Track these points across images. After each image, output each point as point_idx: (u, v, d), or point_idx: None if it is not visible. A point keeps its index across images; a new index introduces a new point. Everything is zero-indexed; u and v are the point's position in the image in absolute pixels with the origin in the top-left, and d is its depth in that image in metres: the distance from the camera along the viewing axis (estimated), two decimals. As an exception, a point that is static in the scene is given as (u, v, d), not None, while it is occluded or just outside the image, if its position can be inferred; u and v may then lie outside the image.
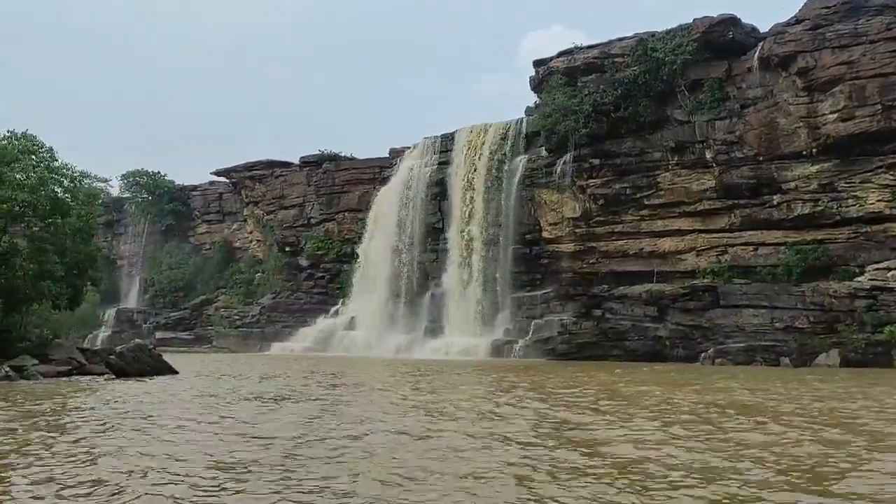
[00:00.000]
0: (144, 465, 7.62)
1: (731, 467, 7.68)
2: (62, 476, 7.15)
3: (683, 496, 6.45)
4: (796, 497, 6.53)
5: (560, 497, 6.43)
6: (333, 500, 6.31)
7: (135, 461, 7.87)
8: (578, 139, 38.02)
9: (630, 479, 7.04)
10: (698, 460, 8.06)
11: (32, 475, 7.19)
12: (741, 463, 7.90)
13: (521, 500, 6.37)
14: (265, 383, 19.45)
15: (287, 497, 6.41)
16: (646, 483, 6.92)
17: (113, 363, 21.84)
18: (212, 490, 6.62)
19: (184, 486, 6.70)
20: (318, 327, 49.08)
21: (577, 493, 6.56)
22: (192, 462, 7.83)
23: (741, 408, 13.32)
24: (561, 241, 40.23)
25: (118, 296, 67.60)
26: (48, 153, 25.82)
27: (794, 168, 33.30)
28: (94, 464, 7.79)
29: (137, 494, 6.42)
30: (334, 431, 10.18)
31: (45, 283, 24.13)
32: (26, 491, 6.61)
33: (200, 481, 6.93)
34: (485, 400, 15.18)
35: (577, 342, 36.63)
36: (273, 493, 6.49)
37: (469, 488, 6.75)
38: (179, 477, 7.10)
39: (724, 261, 35.55)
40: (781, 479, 7.11)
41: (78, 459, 8.03)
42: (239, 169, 60.81)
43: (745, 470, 7.58)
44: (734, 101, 35.05)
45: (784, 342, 31.69)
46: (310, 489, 6.66)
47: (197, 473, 7.26)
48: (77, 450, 8.68)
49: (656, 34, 37.02)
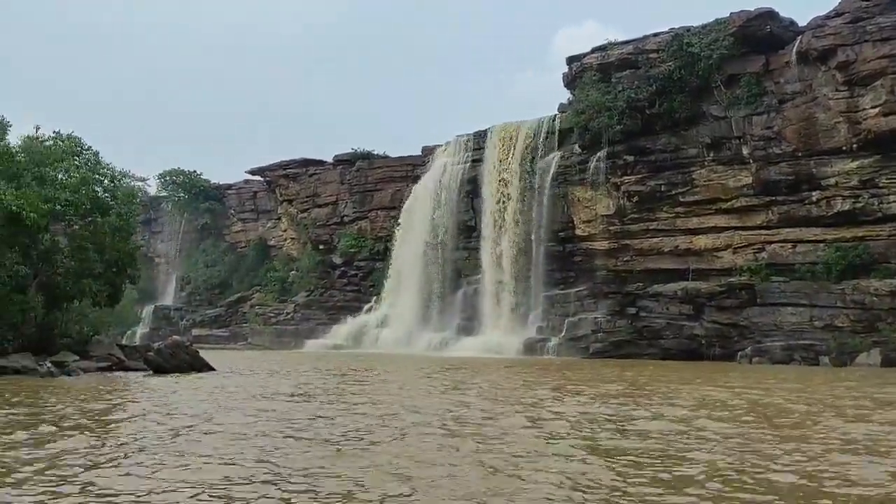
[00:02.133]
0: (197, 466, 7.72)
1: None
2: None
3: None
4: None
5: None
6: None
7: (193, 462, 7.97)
8: (612, 136, 37.74)
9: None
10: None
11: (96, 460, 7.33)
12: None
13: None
14: (306, 379, 19.62)
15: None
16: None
17: (151, 360, 22.16)
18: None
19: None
20: (351, 325, 49.39)
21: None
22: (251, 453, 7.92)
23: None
24: (595, 239, 39.97)
25: (156, 293, 68.69)
26: (93, 155, 26.32)
27: (834, 164, 32.68)
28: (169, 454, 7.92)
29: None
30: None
31: (86, 280, 24.58)
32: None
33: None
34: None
35: (612, 340, 36.39)
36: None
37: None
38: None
39: (762, 258, 35.03)
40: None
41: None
42: (273, 167, 61.36)
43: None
44: (772, 95, 34.51)
45: (823, 341, 31.14)
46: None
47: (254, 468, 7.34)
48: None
49: (692, 29, 36.61)
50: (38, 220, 21.91)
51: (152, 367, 21.79)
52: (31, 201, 21.49)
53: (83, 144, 26.42)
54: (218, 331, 59.51)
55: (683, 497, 6.26)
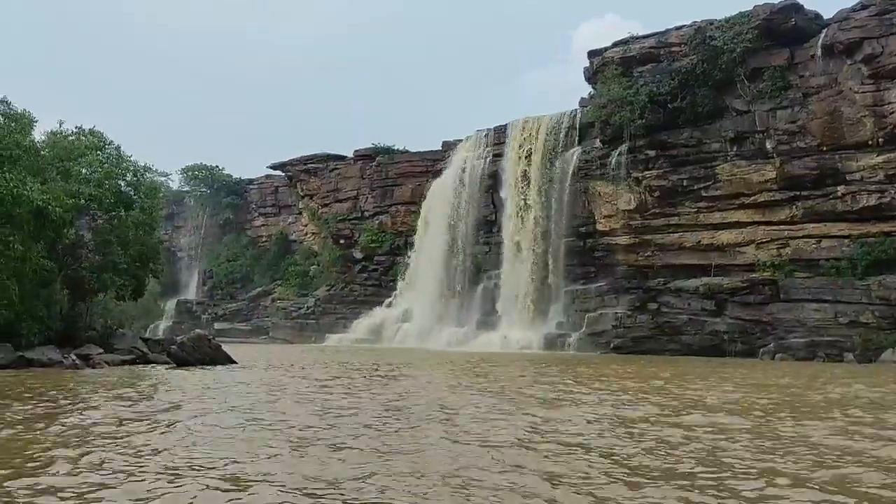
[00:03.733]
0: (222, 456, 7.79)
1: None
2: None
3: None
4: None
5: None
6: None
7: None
8: (634, 130, 37.47)
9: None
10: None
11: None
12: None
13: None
14: (330, 372, 19.72)
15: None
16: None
17: (174, 353, 22.39)
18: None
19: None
20: (371, 319, 49.57)
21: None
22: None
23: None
24: (615, 234, 39.76)
25: (178, 287, 69.37)
26: (115, 149, 26.59)
27: (859, 158, 32.24)
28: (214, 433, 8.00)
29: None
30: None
31: (110, 274, 24.89)
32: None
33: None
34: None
35: (632, 336, 36.20)
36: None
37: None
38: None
39: (785, 254, 34.65)
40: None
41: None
42: (294, 162, 61.65)
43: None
44: (796, 89, 34.09)
45: (848, 338, 30.79)
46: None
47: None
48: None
49: (715, 22, 36.23)
50: (64, 214, 22.19)
51: (175, 361, 22.01)
52: (57, 196, 21.76)
53: (105, 139, 26.70)
54: (240, 324, 60.01)
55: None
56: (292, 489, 6.17)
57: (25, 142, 22.80)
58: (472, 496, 6.03)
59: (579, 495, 6.10)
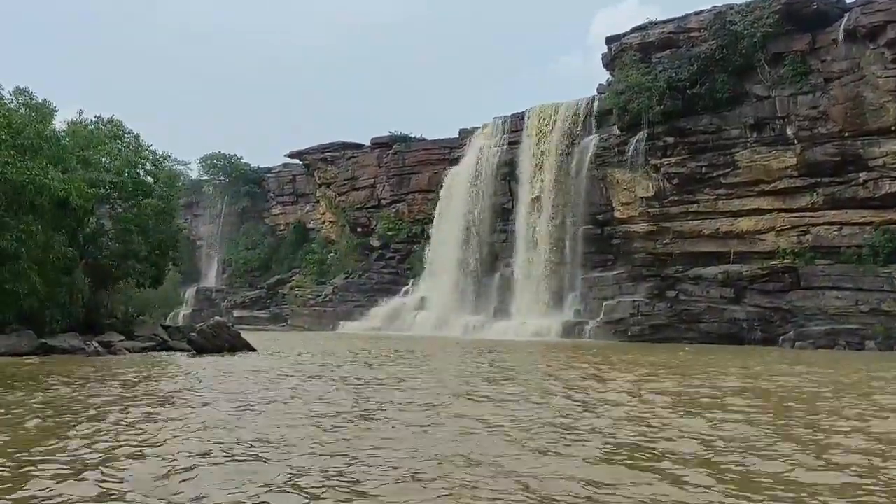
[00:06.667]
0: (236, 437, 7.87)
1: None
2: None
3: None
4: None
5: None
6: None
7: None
8: (652, 117, 37.17)
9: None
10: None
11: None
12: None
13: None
14: (357, 361, 19.83)
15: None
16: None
17: (194, 340, 22.56)
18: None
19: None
20: (388, 307, 49.70)
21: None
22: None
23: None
24: (633, 222, 39.56)
25: (198, 275, 69.90)
26: (134, 138, 26.77)
27: (882, 144, 31.82)
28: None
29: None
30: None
31: (130, 262, 25.11)
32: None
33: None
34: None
35: (651, 324, 36.07)
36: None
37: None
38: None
39: (806, 241, 34.34)
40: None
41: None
42: (312, 151, 61.71)
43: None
44: (818, 74, 33.65)
45: (869, 326, 30.55)
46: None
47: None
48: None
49: (735, 7, 35.83)
50: (84, 203, 22.41)
51: (195, 348, 22.19)
52: (77, 185, 21.96)
53: (125, 128, 26.90)
54: (258, 312, 60.42)
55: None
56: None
57: (46, 131, 23.00)
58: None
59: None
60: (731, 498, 5.63)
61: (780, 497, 5.67)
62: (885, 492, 5.84)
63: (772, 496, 5.68)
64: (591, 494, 5.69)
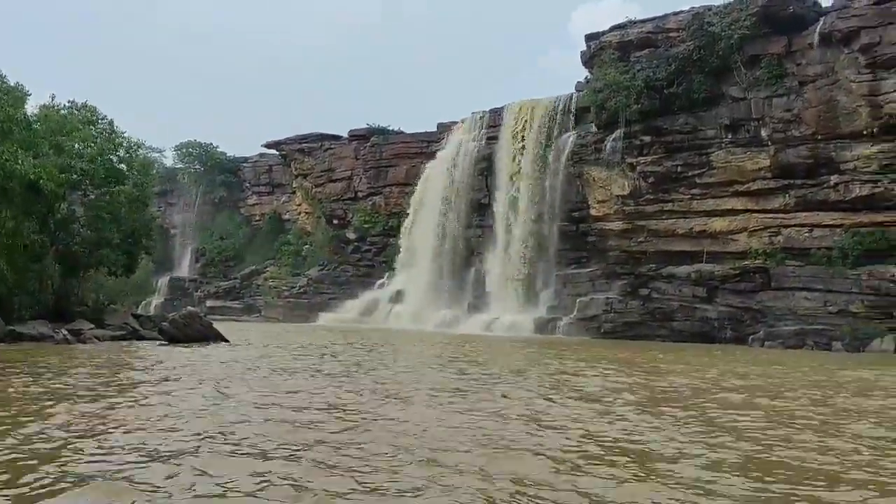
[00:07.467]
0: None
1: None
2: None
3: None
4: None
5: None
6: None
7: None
8: (629, 115, 37.38)
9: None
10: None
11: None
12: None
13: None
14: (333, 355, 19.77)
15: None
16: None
17: (166, 329, 22.39)
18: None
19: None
20: (363, 300, 49.65)
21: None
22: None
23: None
24: (609, 219, 39.79)
25: (171, 264, 69.21)
26: (108, 124, 26.41)
27: (854, 148, 32.27)
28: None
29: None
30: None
31: (102, 250, 24.82)
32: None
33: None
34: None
35: (623, 321, 36.36)
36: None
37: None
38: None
39: (777, 242, 34.76)
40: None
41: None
42: (289, 141, 61.36)
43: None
44: (793, 77, 34.02)
45: (837, 327, 30.99)
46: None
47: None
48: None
49: (713, 8, 36.09)
50: (56, 189, 22.11)
51: (167, 337, 22.02)
52: (49, 170, 21.65)
53: (99, 114, 26.52)
54: (232, 303, 60.02)
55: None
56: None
57: (18, 115, 22.63)
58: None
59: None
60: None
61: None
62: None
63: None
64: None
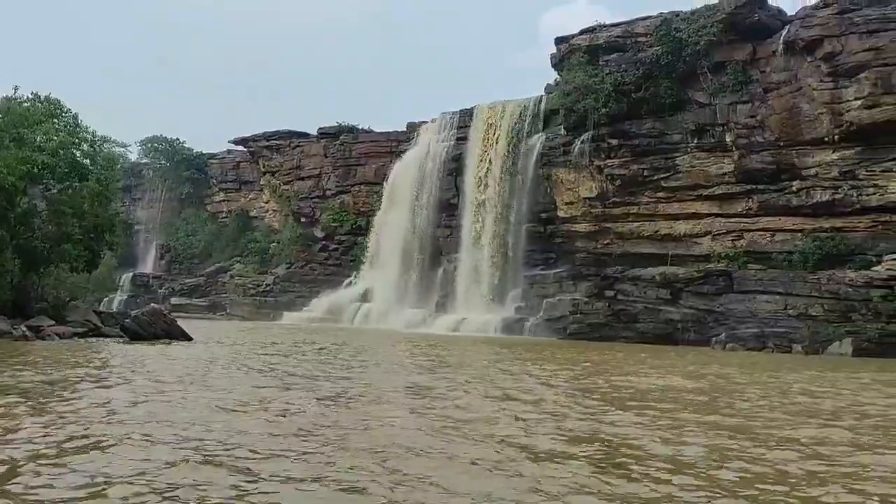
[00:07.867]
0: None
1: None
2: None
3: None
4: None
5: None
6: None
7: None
8: (598, 119, 37.70)
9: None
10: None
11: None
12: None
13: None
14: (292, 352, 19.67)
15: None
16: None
17: (128, 326, 22.09)
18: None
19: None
20: (330, 299, 49.42)
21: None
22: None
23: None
24: (576, 221, 40.11)
25: (135, 261, 68.18)
26: (73, 118, 25.94)
27: (815, 154, 32.92)
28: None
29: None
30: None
31: (64, 245, 24.37)
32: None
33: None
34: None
35: (589, 322, 36.66)
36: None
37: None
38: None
39: (740, 246, 35.35)
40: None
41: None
42: (257, 138, 60.84)
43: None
44: (757, 84, 34.60)
45: (797, 329, 31.56)
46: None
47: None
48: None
49: (681, 14, 36.56)
50: (16, 182, 21.68)
51: (129, 335, 21.72)
52: (9, 163, 21.23)
53: (62, 107, 26.03)
54: (197, 300, 59.32)
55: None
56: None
57: (-23, 107, 22.16)
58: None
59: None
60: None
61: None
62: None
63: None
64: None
